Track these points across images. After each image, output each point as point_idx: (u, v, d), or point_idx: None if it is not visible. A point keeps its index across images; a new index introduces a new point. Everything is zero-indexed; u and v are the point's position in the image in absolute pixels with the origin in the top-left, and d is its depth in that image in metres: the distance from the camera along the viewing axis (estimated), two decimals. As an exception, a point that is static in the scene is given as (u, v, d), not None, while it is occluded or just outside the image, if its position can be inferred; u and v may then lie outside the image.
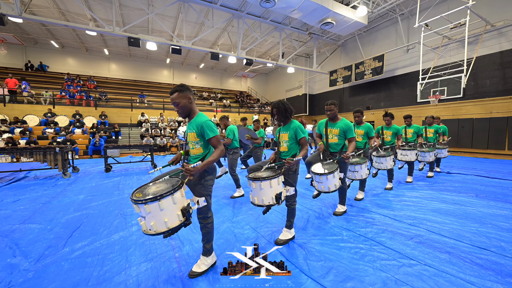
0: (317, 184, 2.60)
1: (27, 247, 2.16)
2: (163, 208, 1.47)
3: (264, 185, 1.94)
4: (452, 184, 4.49)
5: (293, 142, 2.23)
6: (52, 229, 2.55)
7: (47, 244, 2.21)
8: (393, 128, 4.19)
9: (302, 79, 19.42)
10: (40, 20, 8.77)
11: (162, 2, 11.33)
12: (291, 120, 2.30)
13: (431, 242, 2.20)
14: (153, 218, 1.46)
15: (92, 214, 3.03)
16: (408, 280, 1.66)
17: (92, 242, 2.25)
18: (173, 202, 1.51)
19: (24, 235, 2.39)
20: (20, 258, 1.97)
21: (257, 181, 1.95)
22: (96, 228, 2.58)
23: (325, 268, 1.80)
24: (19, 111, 10.54)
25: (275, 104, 2.24)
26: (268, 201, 1.97)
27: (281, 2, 9.81)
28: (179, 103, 1.72)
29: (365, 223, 2.69)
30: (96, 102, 12.68)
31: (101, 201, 3.60)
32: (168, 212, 1.49)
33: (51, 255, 2.02)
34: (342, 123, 2.74)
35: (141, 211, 1.46)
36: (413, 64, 11.90)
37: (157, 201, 1.45)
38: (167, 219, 1.49)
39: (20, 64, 15.87)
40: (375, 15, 12.27)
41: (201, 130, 1.73)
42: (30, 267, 1.84)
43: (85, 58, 17.93)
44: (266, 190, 1.95)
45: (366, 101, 14.87)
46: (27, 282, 1.67)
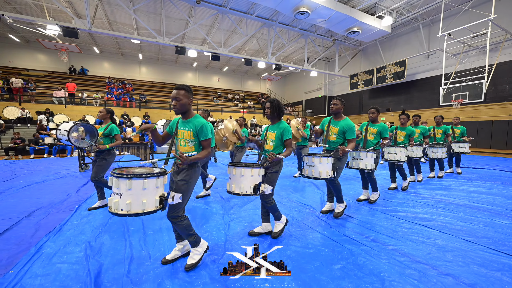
0: (307, 169, 2.58)
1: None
2: (146, 187, 1.45)
3: (245, 172, 1.98)
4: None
5: (279, 142, 2.27)
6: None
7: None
8: (408, 129, 4.11)
9: (321, 81, 20.29)
10: (105, 32, 10.07)
11: (201, 12, 12.50)
12: (280, 120, 2.34)
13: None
14: (131, 197, 1.42)
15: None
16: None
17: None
18: (155, 185, 1.50)
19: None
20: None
21: (238, 167, 1.99)
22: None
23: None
24: (77, 112, 11.94)
25: (270, 100, 2.29)
26: (245, 190, 2.00)
27: (314, 14, 10.78)
28: (181, 100, 1.77)
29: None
30: (140, 103, 14.01)
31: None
32: (148, 193, 1.47)
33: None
34: (344, 123, 2.70)
35: (120, 187, 1.42)
36: (434, 69, 12.65)
37: (142, 179, 1.43)
38: (146, 200, 1.46)
39: (64, 68, 17.41)
40: (398, 23, 13.06)
41: (199, 130, 1.78)
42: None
43: (120, 62, 19.39)
44: (247, 177, 1.99)
45: (386, 103, 15.64)
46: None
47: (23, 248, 2.05)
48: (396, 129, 4.23)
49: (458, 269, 1.80)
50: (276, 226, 2.32)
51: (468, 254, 2.01)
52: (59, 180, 4.82)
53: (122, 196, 1.41)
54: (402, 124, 4.15)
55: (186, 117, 1.86)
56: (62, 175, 5.25)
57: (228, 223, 2.68)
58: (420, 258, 1.95)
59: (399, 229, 2.54)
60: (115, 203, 1.43)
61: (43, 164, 6.92)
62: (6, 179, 4.71)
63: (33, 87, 11.46)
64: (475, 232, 2.47)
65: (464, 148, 5.34)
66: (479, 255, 2.00)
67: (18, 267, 1.75)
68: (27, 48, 15.91)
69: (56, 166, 6.51)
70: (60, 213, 2.96)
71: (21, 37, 14.91)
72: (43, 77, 15.29)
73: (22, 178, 4.86)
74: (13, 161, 7.32)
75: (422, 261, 1.91)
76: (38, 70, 16.04)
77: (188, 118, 1.85)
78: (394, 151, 3.86)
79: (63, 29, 8.86)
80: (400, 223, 2.71)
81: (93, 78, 17.67)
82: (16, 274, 1.65)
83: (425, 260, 1.93)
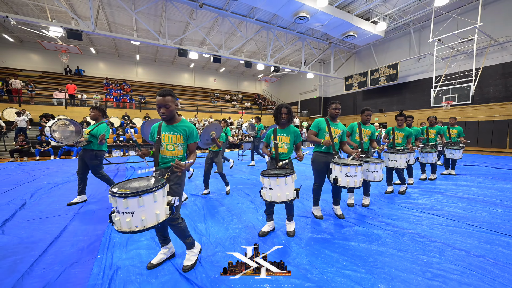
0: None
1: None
2: (157, 200, 1.46)
3: (288, 180, 2.07)
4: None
5: (293, 145, 2.43)
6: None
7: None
8: (405, 130, 4.06)
9: (317, 83, 20.86)
10: (108, 34, 10.08)
11: (202, 15, 12.67)
12: (289, 125, 2.46)
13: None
14: (144, 212, 1.41)
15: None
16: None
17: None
18: (163, 195, 1.53)
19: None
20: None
21: (281, 177, 2.04)
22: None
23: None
24: (77, 113, 11.83)
25: (286, 106, 2.36)
26: (290, 196, 2.09)
27: (312, 19, 11.22)
28: (170, 107, 1.76)
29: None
30: (140, 104, 14.00)
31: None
32: (159, 204, 1.48)
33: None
34: (342, 125, 2.87)
35: (129, 206, 1.38)
36: (424, 72, 13.40)
37: (152, 193, 1.43)
38: (158, 211, 1.47)
39: (59, 69, 17.08)
40: (391, 28, 13.74)
41: (190, 134, 1.84)
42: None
43: (116, 63, 19.19)
44: (289, 184, 2.08)
45: (379, 104, 16.34)
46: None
47: (94, 239, 2.28)
48: (393, 130, 4.14)
49: (468, 246, 2.19)
50: (290, 225, 2.45)
51: (474, 235, 2.42)
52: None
53: (134, 214, 1.38)
54: (399, 125, 4.07)
55: (173, 121, 1.85)
56: (82, 176, 5.36)
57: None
58: (436, 239, 2.33)
59: (412, 217, 2.92)
60: (127, 222, 1.37)
61: (53, 165, 6.94)
62: (28, 181, 4.78)
63: (33, 88, 11.27)
64: (476, 218, 2.89)
65: (455, 154, 5.29)
66: (482, 236, 2.40)
67: (101, 253, 2.00)
68: (20, 48, 15.52)
69: (68, 167, 6.57)
70: (103, 211, 3.16)
71: (15, 37, 14.56)
72: (38, 78, 14.97)
73: (43, 179, 4.94)
74: (20, 163, 7.28)
75: (438, 240, 2.30)
76: (33, 71, 15.68)
77: (175, 123, 1.84)
78: (394, 158, 3.84)
79: (67, 31, 8.83)
80: (411, 213, 3.10)
81: (89, 78, 17.43)
82: (104, 258, 1.91)
83: (440, 240, 2.31)
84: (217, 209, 3.24)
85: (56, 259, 1.92)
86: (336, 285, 1.64)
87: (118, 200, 1.39)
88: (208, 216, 2.97)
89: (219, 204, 3.45)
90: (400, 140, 4.08)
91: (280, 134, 2.39)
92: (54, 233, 2.38)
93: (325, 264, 1.90)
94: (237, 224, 2.68)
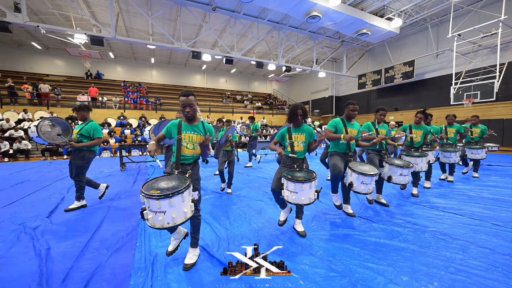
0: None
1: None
2: (184, 199, 1.61)
3: (312, 184, 2.17)
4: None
5: (307, 143, 2.47)
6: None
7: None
8: (423, 128, 3.95)
9: (328, 81, 20.62)
10: (127, 40, 10.58)
11: (215, 18, 12.95)
12: (304, 124, 2.51)
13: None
14: (174, 211, 1.55)
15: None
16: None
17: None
18: (189, 194, 1.68)
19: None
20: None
21: (307, 183, 2.12)
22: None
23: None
24: (99, 115, 12.48)
25: (302, 107, 2.42)
26: (313, 198, 2.20)
27: (325, 18, 11.16)
28: (194, 106, 1.88)
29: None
30: (156, 106, 14.52)
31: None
32: (186, 203, 1.63)
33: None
34: (358, 125, 2.94)
35: (162, 206, 1.51)
36: (443, 69, 12.91)
37: (181, 194, 1.57)
38: (186, 209, 1.63)
39: (81, 73, 18.06)
40: (406, 24, 13.36)
41: (210, 134, 1.95)
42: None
43: (132, 66, 19.99)
44: (313, 188, 2.20)
45: (394, 102, 15.91)
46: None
47: (131, 229, 2.50)
48: (410, 128, 3.97)
49: (492, 244, 2.18)
50: (300, 225, 2.49)
51: (499, 234, 2.39)
52: (108, 177, 5.31)
53: (166, 213, 1.53)
54: (416, 122, 3.93)
55: (193, 121, 1.94)
56: (108, 174, 5.74)
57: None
58: (458, 237, 2.33)
59: (433, 216, 2.91)
60: (160, 220, 1.52)
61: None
62: (61, 177, 5.23)
63: (59, 92, 12.03)
64: (501, 218, 2.83)
65: (478, 154, 4.99)
66: (508, 235, 2.36)
67: (139, 241, 2.21)
68: (46, 54, 16.57)
69: (94, 165, 7.00)
70: (133, 206, 3.40)
71: (42, 44, 15.57)
72: (63, 82, 15.92)
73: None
74: (51, 162, 7.84)
75: (460, 238, 2.30)
76: (58, 75, 16.69)
77: (196, 123, 1.95)
78: (415, 162, 3.69)
79: (90, 37, 9.37)
80: (432, 211, 3.08)
81: (108, 82, 18.29)
82: (143, 245, 2.11)
83: (463, 238, 2.31)
84: (238, 205, 3.38)
85: (102, 245, 2.14)
86: (360, 275, 1.72)
87: (151, 201, 1.52)
88: (230, 212, 3.12)
89: (239, 201, 3.59)
90: (419, 138, 3.95)
91: (295, 133, 2.42)
92: (94, 223, 2.63)
93: (347, 256, 1.98)
94: (259, 219, 2.80)
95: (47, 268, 1.80)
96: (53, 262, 1.88)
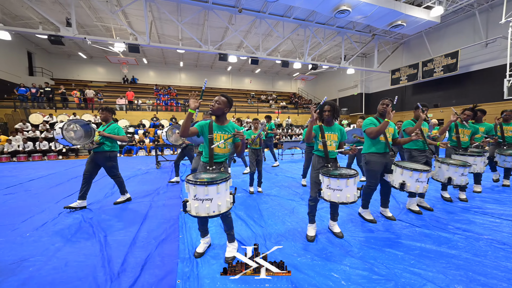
0: (419, 185, 2.47)
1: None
2: (227, 188, 1.68)
3: (356, 180, 2.11)
4: None
5: (339, 143, 2.43)
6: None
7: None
8: (471, 126, 3.67)
9: (357, 78, 19.63)
10: (160, 46, 11.31)
11: (240, 19, 13.16)
12: (334, 123, 2.44)
13: None
14: (219, 199, 1.60)
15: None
16: None
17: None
18: (229, 185, 1.74)
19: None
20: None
21: (351, 178, 2.06)
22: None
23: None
24: (135, 117, 13.55)
25: (330, 103, 2.35)
26: (357, 195, 2.11)
27: (354, 12, 10.64)
28: (220, 104, 1.99)
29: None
30: (185, 107, 15.29)
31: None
32: (227, 193, 1.70)
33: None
34: (393, 123, 2.78)
35: (209, 193, 1.58)
36: (494, 59, 11.45)
37: (225, 182, 1.64)
38: (229, 199, 1.70)
39: (119, 79, 19.76)
40: (449, 12, 12.13)
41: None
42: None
43: (163, 70, 21.28)
44: (356, 185, 2.12)
45: (434, 99, 14.55)
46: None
47: (173, 222, 2.71)
48: (456, 126, 3.66)
49: None
50: (311, 230, 2.41)
51: None
52: (146, 174, 5.76)
53: (212, 200, 1.58)
54: (462, 120, 3.63)
55: (222, 122, 2.05)
56: (145, 171, 6.22)
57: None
58: (521, 247, 2.08)
59: (488, 223, 2.63)
60: (207, 208, 1.57)
61: (120, 162, 8.16)
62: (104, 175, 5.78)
63: (101, 96, 13.35)
64: None
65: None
66: None
67: (181, 233, 2.40)
68: (90, 63, 18.47)
69: (130, 164, 7.64)
70: (171, 201, 3.65)
71: (87, 53, 17.38)
72: (104, 87, 17.59)
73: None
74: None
75: (524, 249, 2.04)
76: (99, 81, 18.49)
77: (225, 124, 2.06)
78: (474, 162, 3.43)
79: (128, 45, 10.21)
80: (486, 218, 2.78)
81: (142, 86, 19.73)
82: (185, 238, 2.29)
83: (528, 249, 2.05)
84: (269, 204, 3.43)
85: (150, 236, 2.36)
86: (406, 280, 1.63)
87: (199, 188, 1.58)
88: (263, 210, 3.17)
89: (270, 200, 3.63)
90: (466, 138, 3.65)
91: (328, 132, 2.36)
92: (140, 215, 2.89)
93: (390, 260, 1.89)
94: (293, 218, 2.81)
95: (107, 252, 2.04)
96: (111, 248, 2.13)
